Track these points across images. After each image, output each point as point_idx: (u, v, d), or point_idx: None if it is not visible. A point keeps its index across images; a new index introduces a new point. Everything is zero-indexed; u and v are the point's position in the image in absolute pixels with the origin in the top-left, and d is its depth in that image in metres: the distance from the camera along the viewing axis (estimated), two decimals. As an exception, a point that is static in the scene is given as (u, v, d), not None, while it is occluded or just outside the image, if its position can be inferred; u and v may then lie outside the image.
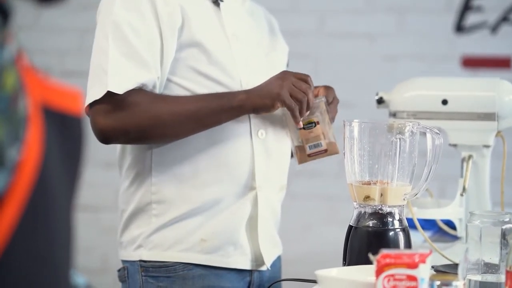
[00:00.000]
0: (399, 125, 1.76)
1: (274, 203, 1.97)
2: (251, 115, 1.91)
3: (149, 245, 1.90)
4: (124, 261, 1.95)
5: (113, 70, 1.80)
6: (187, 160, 1.88)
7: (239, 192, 1.91)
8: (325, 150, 1.93)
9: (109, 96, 1.79)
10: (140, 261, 1.90)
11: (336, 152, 1.94)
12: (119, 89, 1.79)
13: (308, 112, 1.88)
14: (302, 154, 1.95)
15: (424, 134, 1.77)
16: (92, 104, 1.81)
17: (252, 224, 1.93)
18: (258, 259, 1.94)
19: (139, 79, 1.81)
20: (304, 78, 1.86)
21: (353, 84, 3.59)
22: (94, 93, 1.81)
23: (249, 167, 1.91)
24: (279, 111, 1.89)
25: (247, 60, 1.92)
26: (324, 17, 3.82)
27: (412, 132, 1.76)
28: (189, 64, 1.87)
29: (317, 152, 1.94)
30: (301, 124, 1.90)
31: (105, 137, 1.81)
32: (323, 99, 1.92)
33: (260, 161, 1.92)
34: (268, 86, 1.83)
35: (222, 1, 1.95)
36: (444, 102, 2.05)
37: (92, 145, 1.28)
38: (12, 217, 0.77)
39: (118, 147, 1.96)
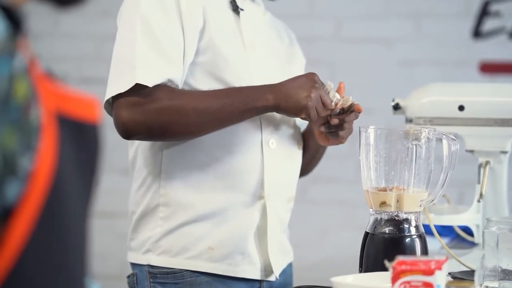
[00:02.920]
0: (415, 131, 1.76)
1: (282, 213, 1.97)
2: (263, 124, 1.91)
3: (158, 250, 1.90)
4: (132, 264, 1.95)
5: (141, 62, 1.77)
6: (196, 165, 1.88)
7: (247, 201, 1.90)
8: (342, 109, 1.88)
9: (135, 89, 1.76)
10: (148, 266, 1.91)
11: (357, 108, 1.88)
12: (148, 82, 1.77)
13: None
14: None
15: (441, 140, 1.76)
16: (115, 98, 1.79)
17: (261, 233, 1.92)
18: (267, 268, 1.93)
19: (167, 74, 1.80)
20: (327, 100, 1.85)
21: (370, 89, 3.58)
22: (119, 86, 1.78)
23: (258, 176, 1.90)
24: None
25: (262, 70, 1.92)
26: (340, 22, 3.82)
27: (428, 138, 1.75)
28: (206, 68, 1.87)
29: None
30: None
31: (128, 132, 1.79)
32: (329, 83, 1.88)
33: (270, 170, 1.91)
34: (297, 95, 1.80)
35: (243, 10, 1.95)
36: (461, 108, 2.04)
37: (109, 151, 1.29)
38: (25, 227, 0.77)
39: (132, 148, 1.96)
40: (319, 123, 1.91)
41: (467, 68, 3.63)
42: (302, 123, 2.03)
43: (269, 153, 1.92)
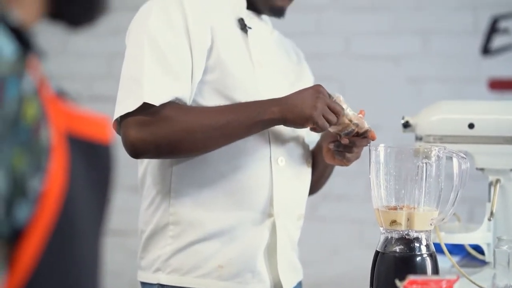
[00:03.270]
0: (425, 150, 1.75)
1: (292, 231, 1.96)
2: (272, 141, 1.90)
3: (168, 269, 1.90)
4: (143, 283, 1.95)
5: (149, 81, 1.78)
6: (205, 183, 1.88)
7: (257, 219, 1.90)
8: (357, 132, 1.87)
9: (143, 108, 1.77)
10: (159, 285, 1.91)
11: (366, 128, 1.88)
12: (155, 101, 1.77)
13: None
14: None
15: (451, 158, 1.76)
16: (124, 117, 1.79)
17: (270, 251, 1.92)
18: (276, 286, 1.93)
19: (175, 93, 1.80)
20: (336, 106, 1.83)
21: (379, 106, 3.58)
22: (127, 105, 1.78)
23: (268, 194, 1.90)
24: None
25: (271, 88, 1.92)
26: (349, 39, 3.82)
27: (438, 156, 1.75)
28: (214, 87, 1.87)
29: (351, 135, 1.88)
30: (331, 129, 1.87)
31: (136, 151, 1.79)
32: (337, 94, 1.87)
33: (279, 188, 1.91)
34: (302, 105, 1.80)
35: (250, 28, 1.95)
36: (471, 126, 2.04)
37: (120, 169, 1.29)
38: (36, 248, 0.77)
39: (141, 167, 1.96)
40: (330, 139, 1.91)
41: (476, 85, 3.63)
42: (311, 141, 2.03)
43: (278, 170, 1.91)
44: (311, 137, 2.04)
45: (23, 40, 0.82)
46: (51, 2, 0.90)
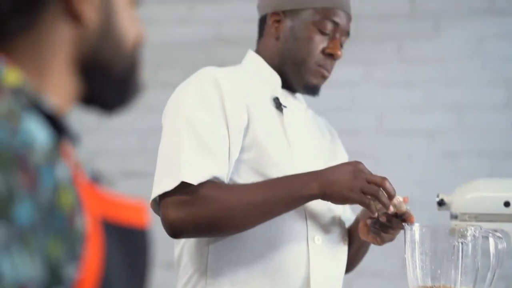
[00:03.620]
0: (461, 229, 1.74)
1: None
2: (308, 219, 1.90)
3: None
4: None
5: (187, 161, 1.79)
6: (242, 263, 1.87)
7: None
8: (396, 213, 1.83)
9: (181, 187, 1.77)
10: None
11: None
12: (194, 180, 1.78)
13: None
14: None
15: (487, 237, 1.74)
16: (162, 197, 1.80)
17: None
18: None
19: (213, 172, 1.80)
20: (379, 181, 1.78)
21: (413, 182, 3.57)
22: (165, 185, 1.79)
23: (304, 273, 1.88)
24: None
25: (306, 167, 1.92)
26: (382, 114, 3.83)
27: (474, 236, 1.73)
28: (250, 165, 1.87)
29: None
30: (376, 215, 1.82)
31: (175, 231, 1.79)
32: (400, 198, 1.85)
33: (316, 268, 1.89)
34: (341, 182, 1.77)
35: (286, 107, 1.97)
36: (507, 204, 2.02)
37: (156, 247, 1.29)
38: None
39: (178, 246, 1.95)
40: (368, 215, 1.89)
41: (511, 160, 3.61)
42: (347, 219, 2.02)
43: (315, 249, 1.90)
44: (347, 215, 2.03)
45: (57, 127, 0.83)
46: (85, 87, 0.91)
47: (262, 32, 2.05)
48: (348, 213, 2.05)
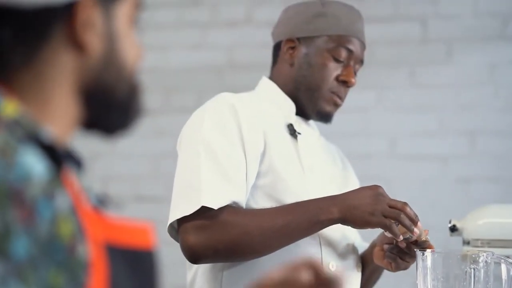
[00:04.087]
0: (473, 256, 1.73)
1: None
2: (323, 246, 1.89)
3: None
4: None
5: (207, 186, 1.78)
6: None
7: None
8: (415, 240, 1.83)
9: (201, 212, 1.77)
10: None
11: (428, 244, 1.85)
12: (214, 205, 1.77)
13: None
14: None
15: (499, 263, 1.73)
16: (180, 222, 1.79)
17: None
18: None
19: (232, 197, 1.80)
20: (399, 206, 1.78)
21: (426, 207, 3.55)
22: (184, 209, 1.78)
23: (319, 299, 1.87)
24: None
25: (321, 193, 1.92)
26: (395, 139, 3.82)
27: (486, 262, 1.72)
28: (266, 191, 1.87)
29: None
30: (401, 238, 1.80)
31: (195, 256, 1.78)
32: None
33: (330, 293, 1.88)
34: (361, 207, 1.77)
35: (300, 134, 1.97)
36: (519, 230, 2.02)
37: (165, 270, 1.29)
38: None
39: (190, 271, 1.95)
40: (386, 240, 1.88)
41: (524, 185, 3.59)
42: (360, 245, 2.02)
43: None
44: (358, 241, 2.03)
45: (56, 157, 0.83)
46: (87, 112, 0.91)
47: (276, 59, 2.05)
48: (359, 239, 2.05)
